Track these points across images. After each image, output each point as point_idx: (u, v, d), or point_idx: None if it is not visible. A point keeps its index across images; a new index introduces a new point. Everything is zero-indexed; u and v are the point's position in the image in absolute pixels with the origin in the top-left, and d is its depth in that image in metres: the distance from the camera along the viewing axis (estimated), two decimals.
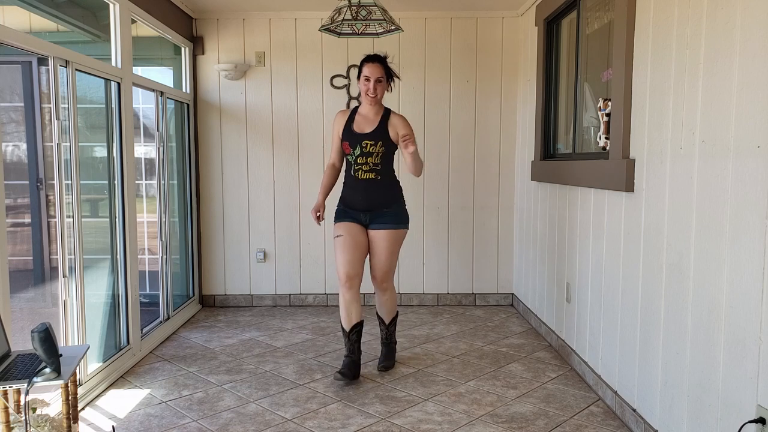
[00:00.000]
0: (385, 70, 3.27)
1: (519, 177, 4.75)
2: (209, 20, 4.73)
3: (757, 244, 1.81)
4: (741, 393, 1.89)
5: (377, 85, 3.25)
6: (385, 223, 3.29)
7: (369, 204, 3.28)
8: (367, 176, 3.27)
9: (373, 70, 3.24)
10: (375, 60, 3.26)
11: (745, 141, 1.86)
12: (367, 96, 3.26)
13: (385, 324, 3.48)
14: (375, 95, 3.25)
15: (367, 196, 3.28)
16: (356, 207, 3.31)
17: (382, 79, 3.26)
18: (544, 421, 2.75)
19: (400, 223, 3.34)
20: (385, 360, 3.46)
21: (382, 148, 3.26)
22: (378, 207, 3.29)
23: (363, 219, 3.31)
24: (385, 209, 3.30)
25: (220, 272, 4.90)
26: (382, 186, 3.30)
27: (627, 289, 2.74)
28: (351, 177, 3.32)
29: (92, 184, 3.37)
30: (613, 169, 2.80)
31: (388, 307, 3.45)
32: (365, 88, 3.25)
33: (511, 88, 4.80)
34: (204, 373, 3.39)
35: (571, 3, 3.57)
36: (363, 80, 3.25)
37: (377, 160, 3.27)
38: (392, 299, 3.46)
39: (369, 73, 3.24)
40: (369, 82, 3.24)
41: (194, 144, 4.78)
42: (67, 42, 3.55)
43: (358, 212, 3.31)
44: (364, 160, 3.26)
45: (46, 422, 2.10)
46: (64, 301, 2.84)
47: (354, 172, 3.30)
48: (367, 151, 3.25)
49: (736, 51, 1.92)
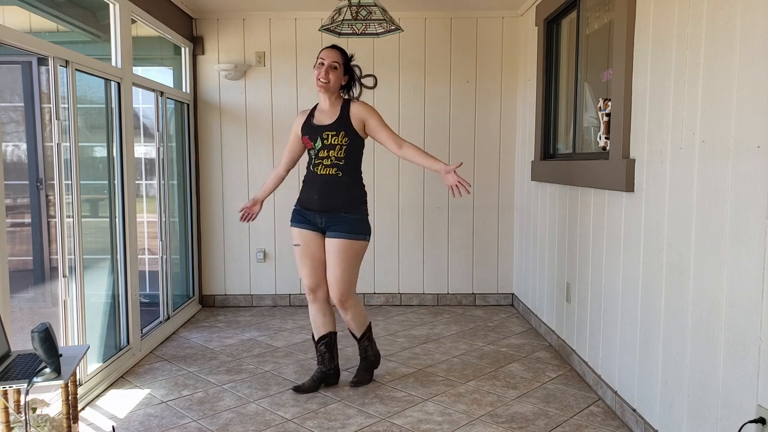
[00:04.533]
0: (344, 61, 3.00)
1: (519, 177, 4.75)
2: (209, 20, 4.73)
3: (757, 244, 1.81)
4: (741, 393, 1.89)
5: (330, 71, 2.94)
6: (341, 232, 2.96)
7: (325, 204, 2.97)
8: (327, 171, 2.96)
9: (328, 54, 2.96)
10: (333, 47, 3.01)
11: (745, 141, 1.86)
12: (318, 82, 2.94)
13: (357, 338, 3.20)
14: (327, 81, 2.93)
15: (324, 195, 2.96)
16: (312, 207, 3.01)
17: (338, 66, 2.96)
18: (544, 421, 2.75)
19: (358, 233, 2.98)
20: (357, 375, 3.21)
21: (346, 139, 2.95)
22: (335, 209, 2.97)
23: (319, 222, 3.01)
24: (343, 213, 2.97)
25: (220, 272, 4.90)
26: (342, 184, 2.97)
27: (627, 289, 2.74)
28: (310, 173, 3.03)
29: (92, 184, 3.37)
30: (613, 169, 2.80)
31: (355, 325, 3.16)
32: (317, 73, 2.95)
33: (511, 88, 4.80)
34: (204, 373, 3.39)
35: (571, 3, 3.57)
36: (317, 66, 2.96)
37: (341, 153, 2.95)
38: (358, 315, 3.13)
39: (324, 56, 2.96)
40: (322, 67, 2.94)
41: (194, 144, 4.78)
42: (67, 42, 3.54)
43: (314, 214, 3.01)
44: (326, 153, 2.95)
45: (46, 422, 2.10)
46: (64, 301, 2.84)
47: (314, 167, 3.00)
48: (329, 143, 2.95)
49: (736, 51, 1.92)
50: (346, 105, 3.03)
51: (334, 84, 2.97)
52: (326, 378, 3.14)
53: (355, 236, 2.97)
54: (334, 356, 3.15)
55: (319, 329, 3.12)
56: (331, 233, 2.98)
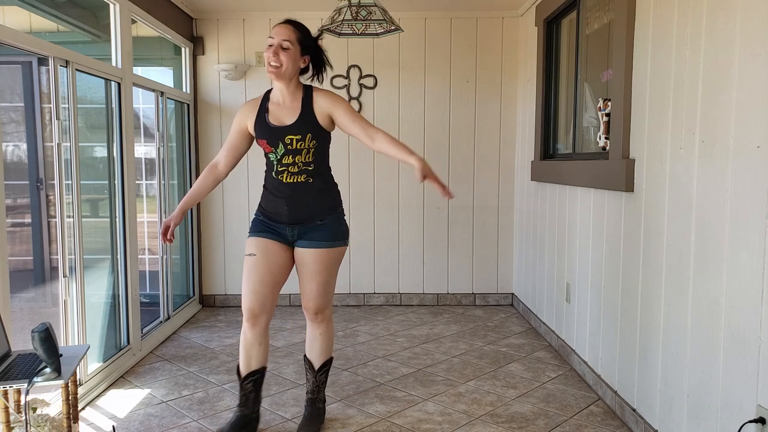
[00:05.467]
0: (299, 37, 2.42)
1: (519, 177, 4.75)
2: (209, 20, 4.73)
3: (757, 244, 1.81)
4: (741, 393, 1.89)
5: (281, 53, 2.37)
6: (318, 240, 2.49)
7: (298, 216, 2.49)
8: (294, 179, 2.46)
9: (278, 31, 2.39)
10: (286, 22, 2.44)
11: (745, 141, 1.86)
12: (268, 67, 2.38)
13: (314, 370, 2.66)
14: (278, 65, 2.37)
15: (296, 206, 2.48)
16: (280, 220, 2.52)
17: (290, 45, 2.38)
18: (544, 421, 2.75)
19: (338, 239, 2.53)
20: (306, 425, 2.62)
21: (314, 142, 2.45)
22: (309, 219, 2.49)
23: (289, 234, 2.52)
24: (318, 221, 2.51)
25: (220, 272, 4.90)
26: (315, 191, 2.49)
27: (627, 289, 2.74)
28: (273, 181, 2.51)
29: (92, 184, 3.37)
30: (613, 169, 2.81)
31: (322, 345, 2.65)
32: (266, 57, 2.39)
33: (511, 88, 4.80)
34: (204, 372, 3.39)
35: (571, 3, 3.58)
36: (266, 48, 2.41)
37: (308, 158, 2.46)
38: (328, 335, 2.65)
39: (273, 33, 2.40)
40: (270, 48, 2.38)
41: (194, 144, 4.78)
42: (67, 42, 3.55)
43: (283, 226, 2.52)
44: (291, 159, 2.44)
45: (46, 422, 2.10)
46: (64, 301, 2.84)
47: (277, 174, 2.48)
48: (293, 148, 2.43)
49: (736, 51, 1.92)
50: (308, 94, 2.48)
51: (288, 68, 2.39)
52: (247, 424, 2.56)
53: (334, 243, 2.53)
54: (259, 398, 2.61)
55: (250, 362, 2.54)
56: (306, 242, 2.51)
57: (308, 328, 2.67)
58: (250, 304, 2.48)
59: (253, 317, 2.49)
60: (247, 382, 2.56)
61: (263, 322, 2.51)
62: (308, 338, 2.68)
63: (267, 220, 2.56)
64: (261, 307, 2.49)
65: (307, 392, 2.72)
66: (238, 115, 2.56)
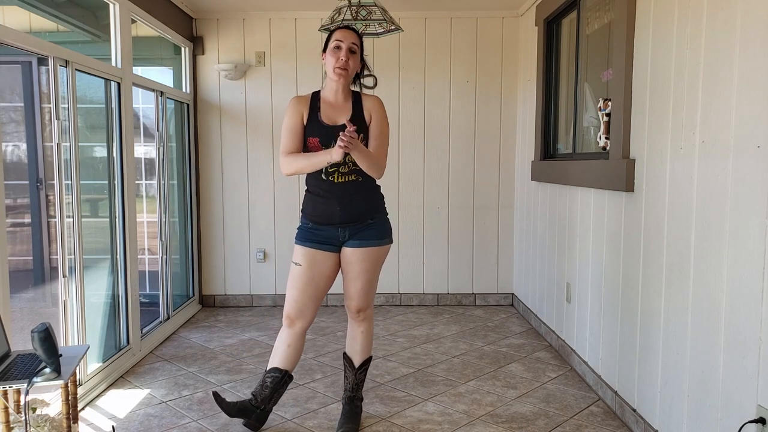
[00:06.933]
0: (361, 45, 2.58)
1: (519, 177, 4.75)
2: (209, 20, 4.73)
3: (757, 244, 1.81)
4: (741, 393, 1.88)
5: (350, 57, 2.49)
6: (368, 239, 2.57)
7: (350, 215, 2.55)
8: (346, 179, 2.52)
9: (345, 35, 2.50)
10: (349, 28, 2.57)
11: (745, 141, 1.86)
12: (336, 70, 2.47)
13: (354, 368, 2.72)
14: (346, 68, 2.48)
15: (348, 205, 2.54)
16: (331, 221, 2.55)
17: (357, 49, 2.52)
18: (544, 421, 2.75)
19: (385, 237, 2.63)
20: (346, 423, 2.64)
21: (365, 142, 2.54)
22: (361, 218, 2.56)
23: (341, 236, 2.58)
24: (369, 220, 2.59)
25: (220, 272, 4.90)
26: (364, 190, 2.57)
27: (627, 289, 2.74)
28: (322, 183, 2.54)
29: (92, 184, 3.37)
30: (613, 169, 2.80)
31: (362, 343, 2.72)
32: (335, 58, 2.47)
33: (511, 88, 4.80)
34: (204, 373, 3.39)
35: (571, 3, 3.58)
36: (332, 50, 2.48)
37: None
38: (369, 333, 2.73)
39: (341, 37, 2.49)
40: (340, 51, 2.47)
41: (194, 144, 4.78)
42: (67, 42, 3.54)
43: (334, 228, 2.56)
44: (343, 159, 2.50)
45: (46, 422, 2.10)
46: (64, 301, 2.84)
47: (327, 175, 2.52)
48: None
49: (736, 51, 1.92)
50: (357, 98, 2.60)
51: (353, 71, 2.53)
52: (249, 413, 2.62)
53: (383, 241, 2.62)
54: (272, 398, 2.64)
55: (280, 359, 2.62)
56: (356, 242, 2.58)
57: (350, 326, 2.74)
58: (289, 309, 2.59)
59: (289, 320, 2.60)
60: (269, 375, 2.64)
61: (299, 327, 2.60)
62: (349, 336, 2.75)
63: (315, 226, 2.59)
64: (298, 314, 2.59)
65: (345, 390, 2.77)
66: (292, 110, 2.55)
